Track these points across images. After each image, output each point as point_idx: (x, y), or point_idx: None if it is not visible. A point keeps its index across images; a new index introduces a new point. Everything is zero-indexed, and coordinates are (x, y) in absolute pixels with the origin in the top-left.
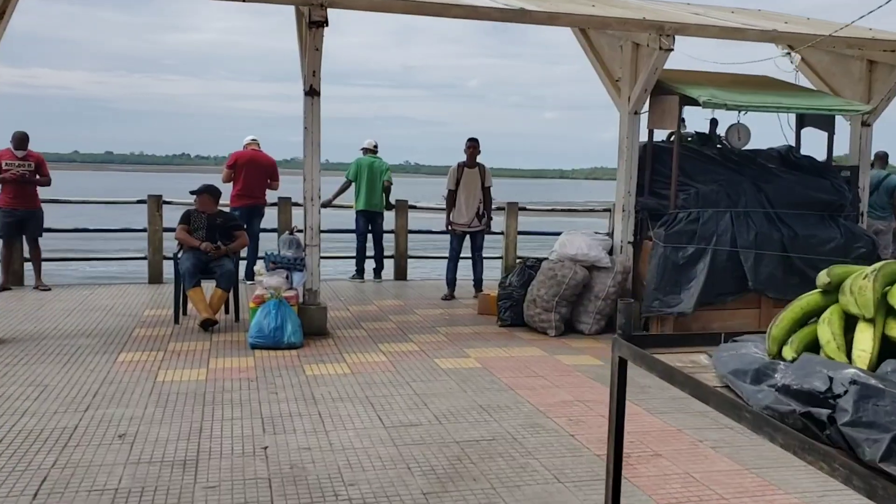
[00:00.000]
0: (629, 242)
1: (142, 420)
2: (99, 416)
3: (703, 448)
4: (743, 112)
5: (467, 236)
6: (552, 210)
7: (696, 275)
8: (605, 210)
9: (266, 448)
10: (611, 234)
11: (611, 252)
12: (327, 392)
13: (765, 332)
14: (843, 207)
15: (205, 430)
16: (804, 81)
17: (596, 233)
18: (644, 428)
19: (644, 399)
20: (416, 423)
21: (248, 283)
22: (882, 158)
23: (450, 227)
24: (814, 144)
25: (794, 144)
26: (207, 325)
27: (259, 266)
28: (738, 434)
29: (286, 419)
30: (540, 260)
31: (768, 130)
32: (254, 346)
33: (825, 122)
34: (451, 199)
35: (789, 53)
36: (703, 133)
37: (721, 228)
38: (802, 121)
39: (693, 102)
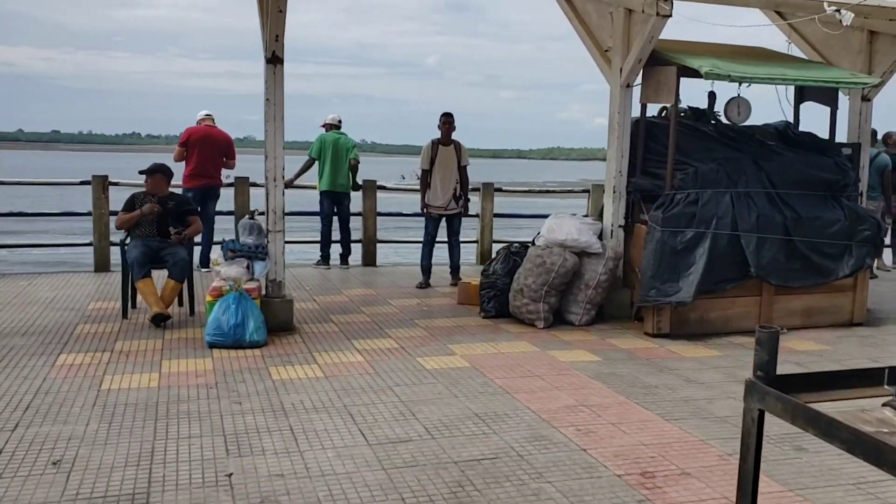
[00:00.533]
0: (620, 226)
1: (82, 440)
2: (30, 437)
3: (734, 463)
4: (747, 84)
5: (443, 219)
6: (529, 192)
7: (695, 261)
8: (583, 191)
9: (231, 475)
10: (600, 217)
11: (600, 237)
12: (299, 401)
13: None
14: (847, 187)
15: (158, 451)
16: (797, 54)
17: (585, 216)
18: (663, 439)
19: (654, 402)
20: (405, 439)
21: (203, 270)
22: (871, 136)
23: (425, 210)
24: (808, 121)
25: (791, 121)
26: (159, 321)
27: (216, 254)
28: (768, 445)
29: (253, 436)
30: (525, 245)
31: (763, 106)
32: (212, 345)
33: (827, 97)
34: (426, 179)
35: (838, 10)
36: (698, 108)
37: (721, 210)
38: (802, 95)
39: (691, 74)
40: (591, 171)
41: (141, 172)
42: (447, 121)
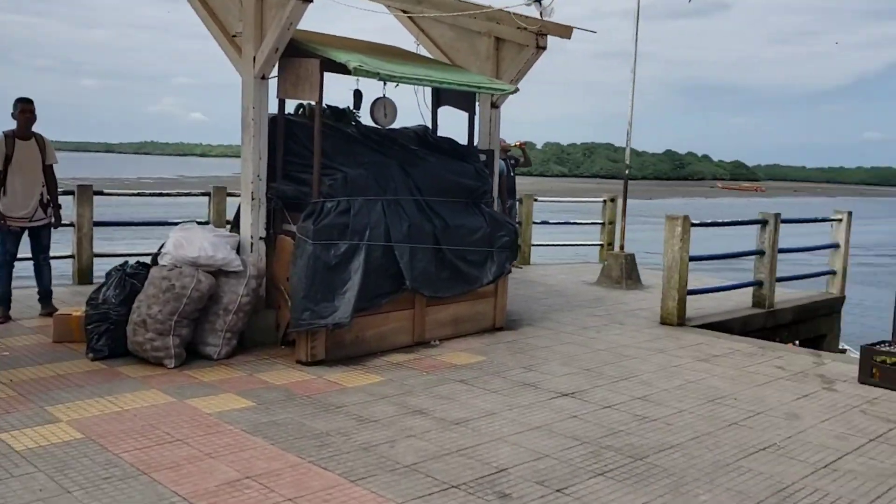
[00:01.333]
0: (261, 238)
1: None
2: None
3: None
4: (395, 84)
5: (26, 233)
6: (139, 194)
7: (350, 276)
8: (203, 194)
9: None
10: (233, 228)
11: (238, 251)
12: None
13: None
14: (486, 194)
15: None
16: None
17: (229, 227)
18: None
19: (331, 457)
20: None
21: None
22: None
23: (3, 223)
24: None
25: (429, 125)
26: None
27: None
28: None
29: None
30: (145, 265)
31: (399, 109)
32: None
33: (464, 102)
34: (1, 183)
35: (539, 1)
36: (337, 107)
37: (374, 220)
38: (439, 99)
39: (336, 69)
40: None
41: None
42: (26, 108)
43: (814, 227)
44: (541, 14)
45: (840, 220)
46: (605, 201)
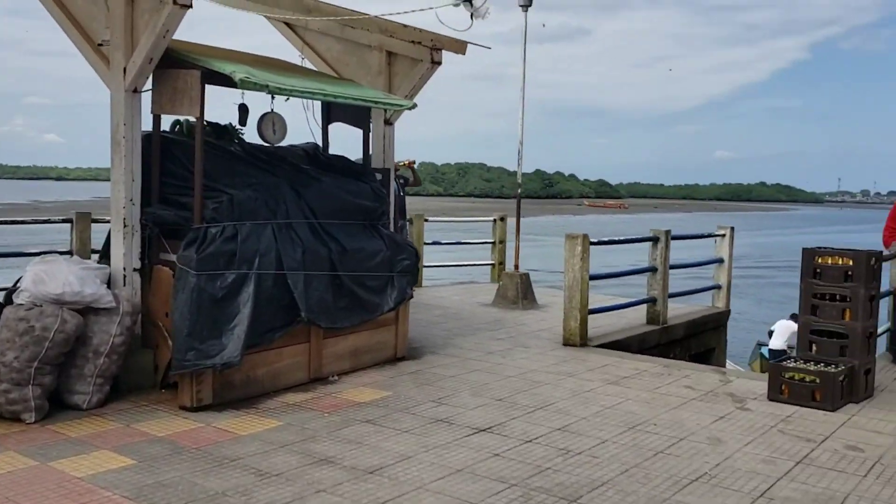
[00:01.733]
0: (136, 270)
1: None
2: None
3: None
4: (285, 98)
5: None
6: None
7: (239, 309)
8: (64, 220)
9: None
10: (103, 258)
11: (109, 285)
12: None
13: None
14: (384, 215)
15: None
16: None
17: (101, 258)
18: None
19: None
20: None
21: None
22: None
23: None
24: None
25: (320, 143)
26: None
27: None
28: None
29: None
30: None
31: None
32: None
33: (358, 118)
34: None
35: (469, 1)
36: (219, 124)
37: (264, 246)
38: (330, 115)
39: (219, 81)
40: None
41: None
42: None
43: (693, 243)
44: (471, 16)
45: (724, 236)
46: (495, 220)
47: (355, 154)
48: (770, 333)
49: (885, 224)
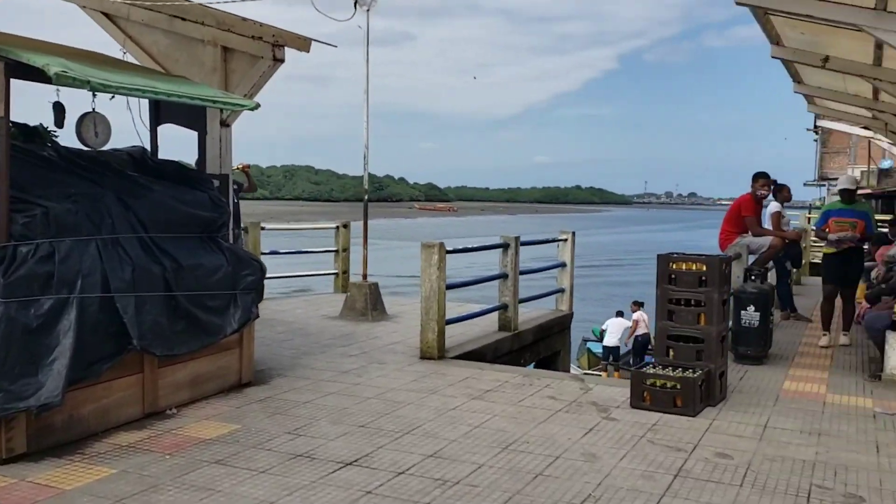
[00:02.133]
0: None
1: None
2: None
3: None
4: (110, 96)
5: None
6: None
7: (59, 340)
8: None
9: None
10: None
11: None
12: None
13: None
14: (224, 226)
15: None
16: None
17: None
18: None
19: None
20: None
21: None
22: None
23: None
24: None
25: (148, 147)
26: None
27: None
28: None
29: None
30: None
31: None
32: None
33: (193, 119)
34: None
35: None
36: (27, 125)
37: (87, 266)
38: (159, 116)
39: (27, 75)
40: None
41: None
42: None
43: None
44: (355, 4)
45: (566, 240)
46: (338, 227)
47: (189, 158)
48: (596, 332)
49: (720, 227)
